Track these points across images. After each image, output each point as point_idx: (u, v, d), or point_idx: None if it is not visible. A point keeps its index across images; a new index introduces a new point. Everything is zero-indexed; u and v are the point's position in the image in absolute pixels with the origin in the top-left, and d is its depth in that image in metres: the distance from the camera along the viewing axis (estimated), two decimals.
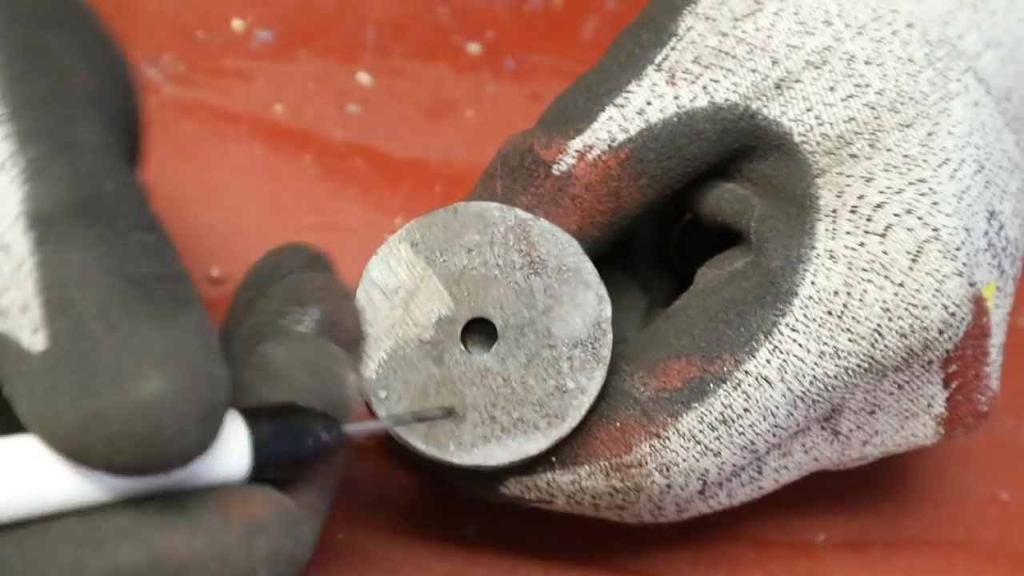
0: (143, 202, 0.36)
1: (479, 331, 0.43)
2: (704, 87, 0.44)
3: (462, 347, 0.43)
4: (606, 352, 0.43)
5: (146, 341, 0.33)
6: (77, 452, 0.33)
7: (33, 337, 0.33)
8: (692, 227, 0.51)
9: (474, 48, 0.62)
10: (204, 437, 0.33)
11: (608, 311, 0.43)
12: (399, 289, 0.43)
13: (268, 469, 0.36)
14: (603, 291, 0.43)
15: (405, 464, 0.53)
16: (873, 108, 0.44)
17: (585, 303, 0.43)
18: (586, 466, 0.44)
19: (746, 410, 0.43)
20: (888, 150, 0.44)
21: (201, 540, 0.34)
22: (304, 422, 0.37)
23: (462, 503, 0.52)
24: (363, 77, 0.60)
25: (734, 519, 0.54)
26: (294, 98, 0.59)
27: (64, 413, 0.32)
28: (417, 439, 0.43)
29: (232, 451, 0.35)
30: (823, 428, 0.45)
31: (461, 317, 0.43)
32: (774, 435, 0.43)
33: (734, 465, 0.44)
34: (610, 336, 0.43)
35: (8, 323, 0.34)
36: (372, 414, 0.43)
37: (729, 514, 0.52)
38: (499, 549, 0.53)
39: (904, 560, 0.55)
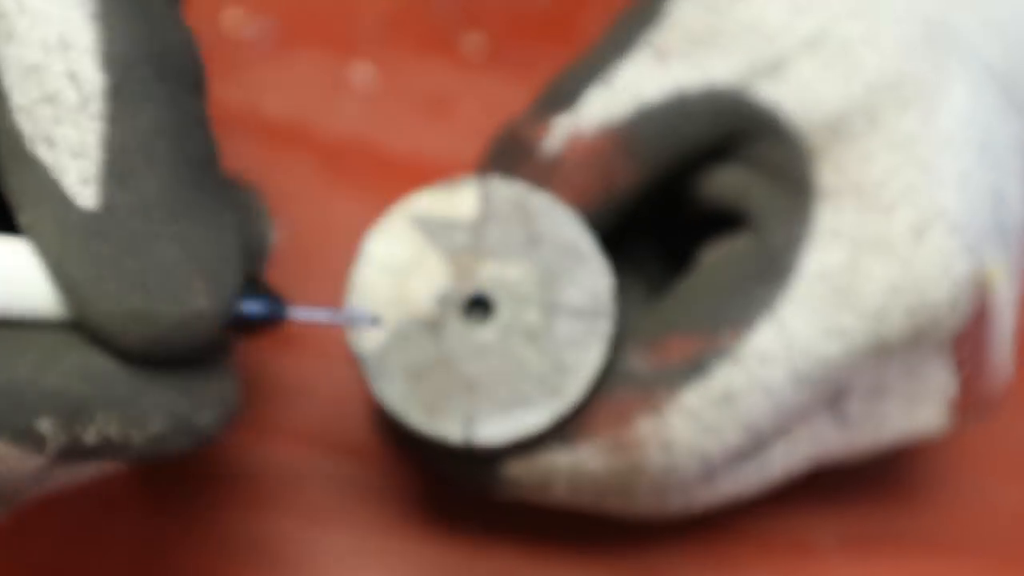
0: (199, 63, 0.36)
1: (479, 307, 0.43)
2: (697, 67, 0.44)
3: (462, 323, 0.43)
4: (607, 327, 0.43)
5: (200, 245, 0.34)
6: (100, 330, 0.33)
7: (81, 188, 0.33)
8: (693, 219, 0.51)
9: (474, 44, 0.62)
10: (206, 347, 0.35)
11: (608, 285, 0.43)
12: (397, 265, 0.43)
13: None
14: (603, 265, 0.43)
15: (407, 461, 0.53)
16: (871, 88, 0.44)
17: (585, 278, 0.43)
18: (586, 444, 0.43)
19: (748, 387, 0.42)
20: (888, 129, 0.44)
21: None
22: (262, 294, 0.38)
23: (463, 502, 0.52)
24: (361, 73, 0.60)
25: (735, 517, 0.53)
26: (291, 93, 0.59)
27: (107, 295, 0.33)
28: (416, 418, 0.43)
29: None
30: (830, 413, 0.45)
31: (460, 293, 0.43)
32: (777, 415, 0.43)
33: (736, 446, 0.43)
34: (611, 310, 0.43)
35: (53, 157, 0.33)
36: (371, 390, 0.43)
37: (730, 512, 0.51)
38: (500, 549, 0.52)
39: (911, 561, 0.54)
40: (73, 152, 0.33)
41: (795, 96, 0.44)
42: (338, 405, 0.54)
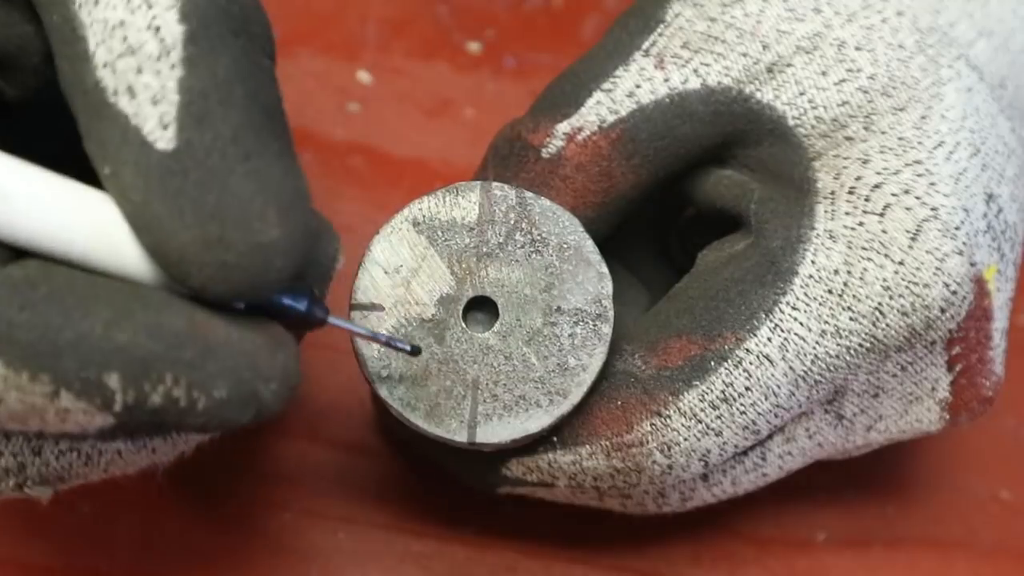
0: (268, 26, 0.38)
1: (481, 309, 0.43)
2: (695, 70, 0.45)
3: (464, 325, 0.43)
4: (607, 329, 0.43)
5: (273, 181, 0.35)
6: (181, 261, 0.34)
7: (160, 132, 0.34)
8: (693, 223, 0.51)
9: (474, 47, 0.62)
10: (285, 284, 0.35)
11: (609, 288, 0.43)
12: (401, 268, 0.43)
13: (259, 313, 0.38)
14: (604, 269, 0.43)
15: (407, 461, 0.53)
16: (866, 92, 0.44)
17: (586, 280, 0.43)
18: (587, 446, 0.44)
19: (747, 388, 0.43)
20: (883, 132, 0.44)
21: (236, 332, 0.35)
22: (303, 291, 0.39)
23: (462, 502, 0.52)
24: (363, 76, 0.61)
25: (734, 517, 0.54)
26: (294, 97, 0.59)
27: (186, 225, 0.34)
28: (419, 418, 0.43)
29: None
30: (827, 412, 0.45)
31: (463, 295, 0.43)
32: (776, 415, 0.43)
33: (736, 446, 0.44)
34: (611, 313, 0.43)
35: (135, 107, 0.35)
36: (374, 392, 0.43)
37: (729, 512, 0.52)
38: (499, 548, 0.53)
39: (904, 558, 0.54)
40: (153, 99, 0.35)
41: (792, 100, 0.45)
42: (338, 405, 0.54)
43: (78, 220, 0.35)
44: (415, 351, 0.42)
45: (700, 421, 0.43)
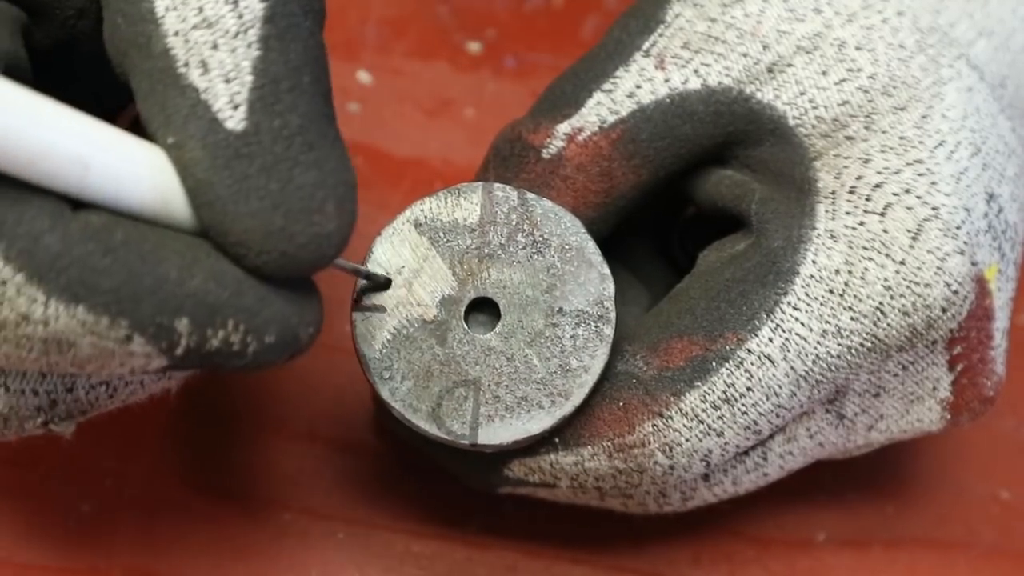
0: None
1: (483, 311, 0.43)
2: (695, 71, 0.45)
3: (465, 326, 0.43)
4: (609, 330, 0.43)
5: (332, 173, 0.35)
6: (239, 244, 0.35)
7: (230, 111, 0.35)
8: (694, 223, 0.51)
9: (474, 47, 0.62)
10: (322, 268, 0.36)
11: (611, 289, 0.43)
12: (403, 269, 0.43)
13: None
14: (606, 270, 0.43)
15: (407, 461, 0.53)
16: (866, 92, 0.44)
17: (588, 282, 0.43)
18: (589, 447, 0.44)
19: (749, 389, 0.43)
20: (884, 132, 0.44)
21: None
22: None
23: (463, 502, 0.52)
24: (363, 76, 0.61)
25: (735, 517, 0.54)
26: None
27: (249, 212, 0.34)
28: (421, 419, 0.43)
29: None
30: (828, 411, 0.45)
31: (465, 296, 0.43)
32: (777, 415, 0.43)
33: (737, 446, 0.44)
34: (613, 314, 0.43)
35: (206, 82, 0.35)
36: (375, 393, 0.43)
37: (730, 512, 0.52)
38: (499, 548, 0.53)
39: (905, 558, 0.54)
40: (227, 76, 0.35)
41: (792, 100, 0.45)
42: (339, 405, 0.54)
43: (141, 175, 0.35)
44: (387, 283, 0.43)
45: (702, 422, 0.43)
